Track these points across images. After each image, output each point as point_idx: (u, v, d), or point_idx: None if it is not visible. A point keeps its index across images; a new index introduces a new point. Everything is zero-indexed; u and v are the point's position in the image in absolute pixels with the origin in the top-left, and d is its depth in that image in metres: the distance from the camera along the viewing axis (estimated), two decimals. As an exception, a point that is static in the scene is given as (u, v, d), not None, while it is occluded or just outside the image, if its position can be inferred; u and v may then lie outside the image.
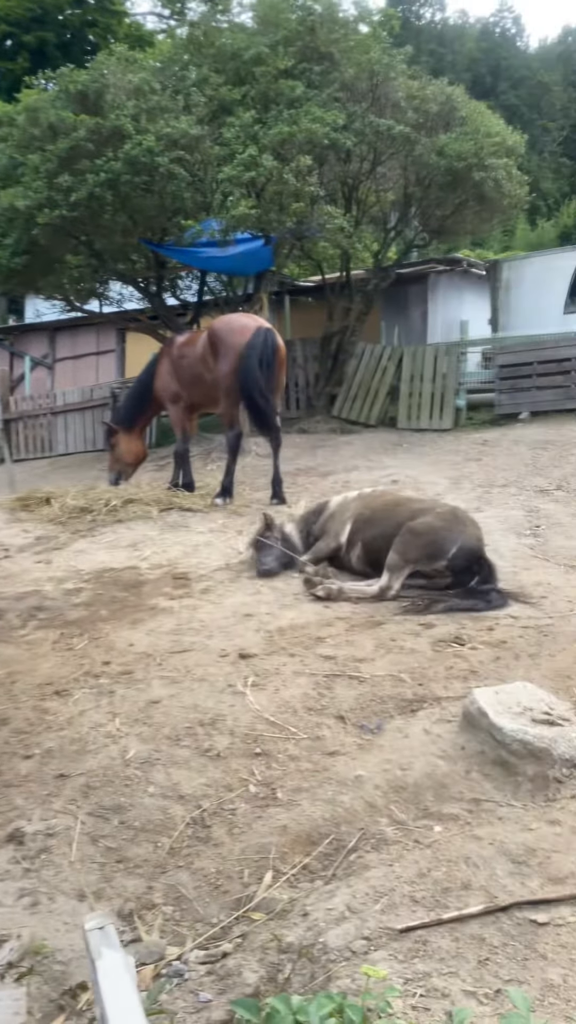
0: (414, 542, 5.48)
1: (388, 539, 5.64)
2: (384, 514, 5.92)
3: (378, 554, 5.73)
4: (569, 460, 10.09)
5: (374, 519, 5.94)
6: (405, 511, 5.81)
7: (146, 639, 4.94)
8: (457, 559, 5.43)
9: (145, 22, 35.55)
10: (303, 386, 16.38)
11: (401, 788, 3.15)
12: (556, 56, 58.32)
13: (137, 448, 10.57)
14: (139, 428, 10.56)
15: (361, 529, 5.97)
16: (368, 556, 5.89)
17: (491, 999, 1.93)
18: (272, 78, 12.76)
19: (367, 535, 5.91)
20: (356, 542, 5.99)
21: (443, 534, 5.48)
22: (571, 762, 3.12)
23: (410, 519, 5.64)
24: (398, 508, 5.92)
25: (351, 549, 6.02)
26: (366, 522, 5.98)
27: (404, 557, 5.48)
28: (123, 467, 10.61)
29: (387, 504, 6.08)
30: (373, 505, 6.12)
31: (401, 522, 5.65)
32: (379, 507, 6.06)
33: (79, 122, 11.88)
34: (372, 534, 5.87)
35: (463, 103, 14.29)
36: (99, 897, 2.79)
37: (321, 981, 2.16)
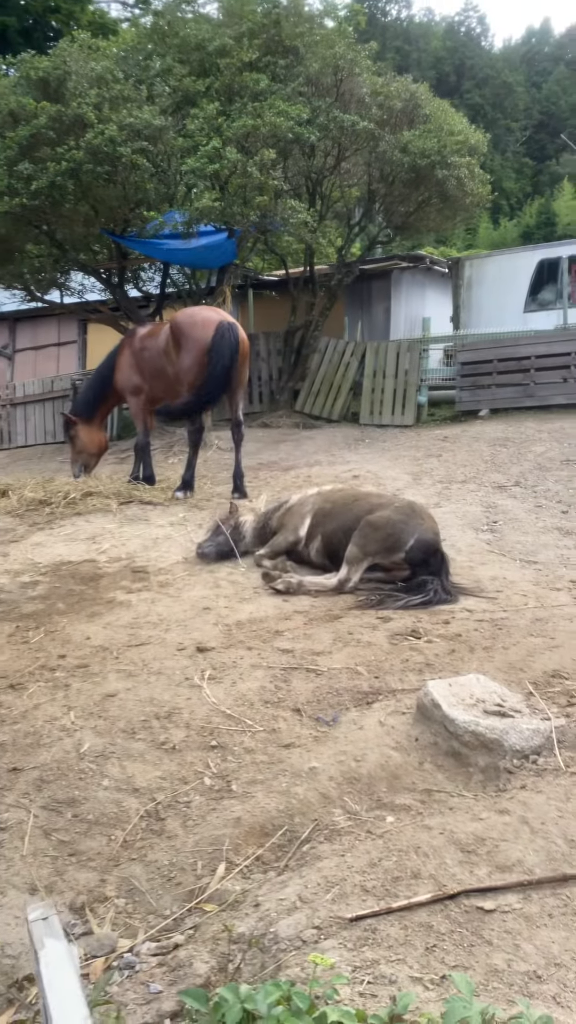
0: (373, 535, 5.55)
1: (347, 532, 5.71)
2: (343, 508, 5.98)
3: (337, 547, 5.79)
4: (527, 457, 10.22)
5: (333, 513, 6.00)
6: (364, 505, 5.88)
7: (103, 632, 4.91)
8: (414, 551, 5.50)
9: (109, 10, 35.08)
10: (266, 380, 16.37)
11: (355, 779, 3.18)
12: (520, 56, 59.01)
13: (98, 438, 10.48)
14: (99, 419, 10.46)
15: (321, 523, 6.03)
16: (327, 549, 5.94)
17: (437, 984, 1.96)
18: (236, 70, 12.69)
19: (327, 528, 5.96)
20: (315, 535, 6.04)
21: (400, 527, 5.56)
22: (522, 753, 3.18)
23: (368, 512, 5.72)
24: (356, 503, 5.99)
25: (310, 542, 6.07)
26: (325, 516, 6.03)
27: (363, 550, 5.55)
28: (86, 458, 10.51)
29: (346, 498, 6.15)
30: (332, 499, 6.18)
31: (360, 516, 5.73)
32: (338, 501, 6.12)
33: (40, 109, 11.70)
34: (331, 527, 5.92)
35: (427, 100, 14.36)
36: (51, 890, 2.77)
37: (271, 971, 2.17)
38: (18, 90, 12.63)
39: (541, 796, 2.85)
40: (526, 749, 3.18)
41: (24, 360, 21.90)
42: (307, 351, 15.65)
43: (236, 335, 9.00)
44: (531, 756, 3.16)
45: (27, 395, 17.96)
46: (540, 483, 8.99)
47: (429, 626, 4.84)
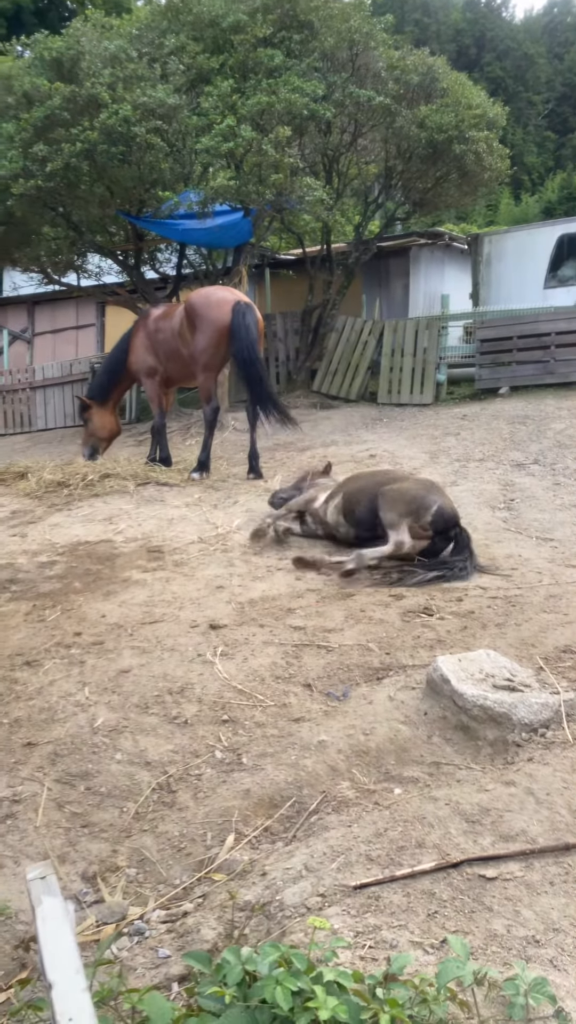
0: (400, 499, 5.71)
1: (366, 492, 5.99)
2: (367, 477, 6.47)
3: (355, 506, 6.04)
4: (546, 435, 10.14)
5: (357, 478, 6.50)
6: (385, 475, 6.33)
7: (118, 611, 4.97)
8: (437, 517, 5.57)
9: (124, -12, 34.83)
10: (283, 360, 16.32)
11: (364, 752, 3.21)
12: (542, 28, 57.86)
13: (109, 422, 10.49)
14: (112, 402, 10.48)
15: (344, 485, 6.38)
16: (346, 506, 6.16)
17: (436, 949, 1.99)
18: (251, 46, 12.57)
19: (349, 488, 6.27)
20: (337, 494, 6.31)
21: (422, 493, 5.75)
22: (530, 726, 3.19)
23: (389, 480, 6.05)
24: (378, 474, 6.44)
25: (330, 501, 6.34)
26: (349, 480, 6.52)
27: (397, 512, 5.66)
28: (96, 441, 10.55)
29: (371, 472, 6.74)
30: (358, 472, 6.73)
31: (381, 481, 6.04)
32: (364, 473, 6.78)
33: (54, 90, 11.67)
34: (353, 488, 6.22)
35: (444, 74, 14.15)
36: (64, 860, 2.83)
37: (276, 936, 2.21)
38: (32, 71, 12.61)
39: (547, 768, 2.86)
40: (535, 723, 3.20)
41: (43, 343, 21.97)
42: (324, 330, 15.57)
43: (254, 315, 8.99)
44: (539, 729, 3.18)
45: (46, 379, 18.04)
46: (559, 461, 8.93)
47: (442, 603, 4.85)
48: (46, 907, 1.30)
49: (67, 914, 1.29)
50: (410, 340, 14.45)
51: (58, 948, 1.21)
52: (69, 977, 1.17)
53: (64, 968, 1.18)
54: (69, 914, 1.30)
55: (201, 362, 9.04)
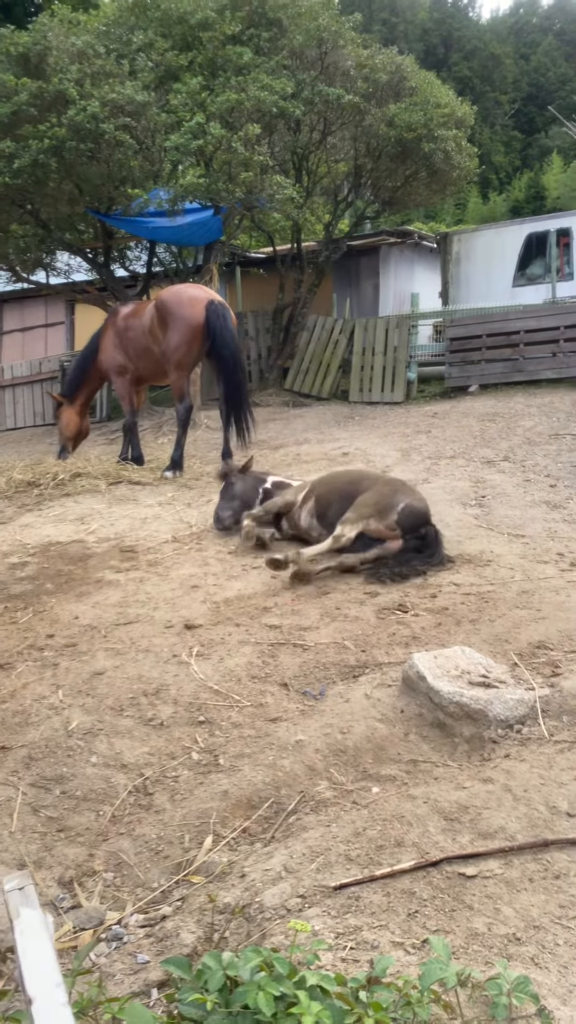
0: (364, 501, 5.67)
1: (338, 493, 5.94)
2: (338, 477, 6.38)
3: (327, 507, 5.98)
4: (516, 432, 10.22)
5: (328, 480, 6.36)
6: (355, 474, 6.30)
7: (91, 612, 4.91)
8: (405, 515, 5.54)
9: (91, -16, 34.50)
10: (255, 359, 16.30)
11: (341, 751, 3.20)
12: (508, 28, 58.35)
13: (75, 421, 10.41)
14: (80, 401, 10.39)
15: (315, 488, 6.28)
16: (319, 508, 6.11)
17: (418, 949, 1.99)
18: (219, 44, 12.52)
19: (320, 491, 6.19)
20: (309, 498, 6.23)
21: (388, 492, 5.72)
22: (506, 723, 3.20)
23: (359, 481, 5.99)
24: (350, 474, 6.40)
25: (303, 505, 6.24)
26: (320, 482, 6.35)
27: (357, 512, 5.61)
28: (64, 440, 10.48)
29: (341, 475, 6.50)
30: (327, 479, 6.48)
31: (352, 480, 6.04)
32: (336, 473, 6.63)
33: (21, 86, 11.54)
34: (325, 490, 6.16)
35: (413, 73, 14.22)
36: (40, 866, 2.79)
37: (256, 939, 2.20)
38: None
39: (524, 764, 2.87)
40: (510, 719, 3.21)
41: (11, 342, 21.73)
42: (296, 329, 15.57)
43: (227, 313, 8.95)
44: (515, 726, 3.19)
45: (15, 377, 17.85)
46: (529, 457, 8.99)
47: (416, 600, 4.86)
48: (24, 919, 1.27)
49: (46, 926, 1.27)
50: (381, 339, 14.50)
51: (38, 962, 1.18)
52: (49, 991, 1.14)
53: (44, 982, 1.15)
54: (48, 926, 1.27)
55: (173, 360, 8.99)
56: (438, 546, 5.63)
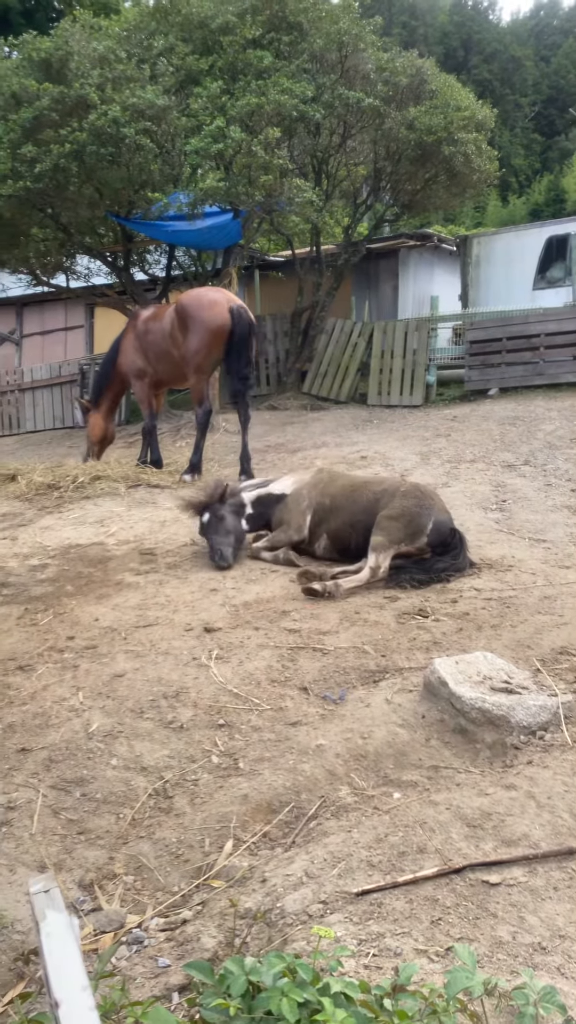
0: (394, 526, 5.42)
1: (355, 526, 5.62)
2: (345, 500, 5.83)
3: (346, 542, 5.71)
4: (536, 435, 10.16)
5: (335, 508, 5.84)
6: (366, 495, 5.75)
7: (111, 614, 4.93)
8: (434, 534, 5.46)
9: (112, -11, 34.69)
10: (273, 362, 16.31)
11: (362, 756, 3.19)
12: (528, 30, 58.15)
13: (100, 426, 10.45)
14: (105, 406, 10.43)
15: (325, 520, 5.87)
16: (336, 545, 5.82)
17: (441, 957, 1.97)
18: (240, 48, 12.55)
19: (332, 526, 5.82)
20: (320, 534, 5.89)
21: (416, 512, 5.48)
22: (528, 729, 3.18)
23: (374, 502, 5.61)
24: (356, 492, 5.84)
25: (315, 541, 5.93)
26: (329, 511, 5.86)
27: (389, 538, 5.37)
28: (89, 445, 10.55)
29: (344, 489, 5.97)
30: (330, 492, 5.98)
31: (365, 506, 5.63)
32: (337, 494, 5.93)
33: (43, 91, 11.61)
34: (337, 524, 5.79)
35: (433, 75, 14.18)
36: (60, 868, 2.80)
37: (277, 944, 2.18)
38: (20, 72, 12.53)
39: (548, 771, 2.84)
40: (533, 725, 3.18)
41: (31, 345, 21.87)
42: (314, 332, 15.57)
43: (248, 316, 8.96)
44: (538, 732, 3.16)
45: (35, 380, 17.96)
46: (549, 461, 8.94)
47: (437, 605, 4.83)
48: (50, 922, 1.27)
49: (72, 929, 1.26)
50: (399, 342, 14.47)
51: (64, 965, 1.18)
52: (76, 995, 1.14)
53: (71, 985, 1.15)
54: (74, 929, 1.27)
55: (193, 364, 9.00)
56: (463, 548, 5.56)
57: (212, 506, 5.97)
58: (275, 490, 6.28)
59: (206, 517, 5.98)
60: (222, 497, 6.00)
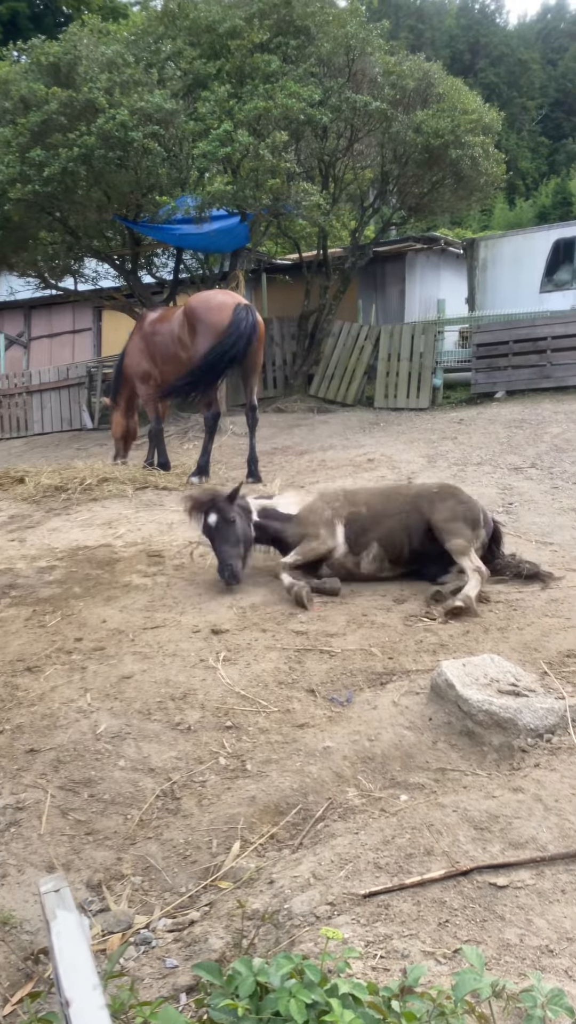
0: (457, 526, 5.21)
1: (409, 529, 5.33)
2: (383, 506, 5.49)
3: (400, 548, 5.36)
4: (543, 438, 10.15)
5: (377, 514, 5.46)
6: (400, 498, 5.52)
7: (119, 615, 4.94)
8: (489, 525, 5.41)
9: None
10: (280, 365, 16.33)
11: (369, 759, 3.19)
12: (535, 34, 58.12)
13: (120, 423, 10.56)
14: (123, 404, 10.51)
15: (369, 527, 5.42)
16: (389, 553, 5.39)
17: (449, 959, 1.97)
18: (247, 52, 12.59)
19: (381, 532, 5.39)
20: (368, 542, 5.40)
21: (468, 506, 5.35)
22: (536, 732, 3.17)
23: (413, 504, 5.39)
24: (388, 498, 5.57)
25: (361, 551, 5.41)
26: (370, 519, 5.44)
27: (464, 537, 5.16)
28: (115, 443, 10.69)
29: (374, 495, 5.67)
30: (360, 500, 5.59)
31: (405, 509, 5.39)
32: (371, 500, 5.57)
33: (51, 95, 11.68)
34: (386, 529, 5.39)
35: (440, 79, 14.20)
36: (68, 868, 2.81)
37: (285, 946, 2.19)
38: (29, 76, 12.62)
39: (555, 774, 2.84)
40: (540, 728, 3.18)
41: (39, 348, 21.96)
42: (321, 335, 15.59)
43: (254, 317, 8.96)
44: (545, 735, 3.16)
45: (43, 383, 18.02)
46: (556, 464, 8.93)
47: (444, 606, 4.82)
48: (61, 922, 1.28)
49: (83, 929, 1.27)
50: (406, 345, 14.48)
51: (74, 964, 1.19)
52: (87, 994, 1.15)
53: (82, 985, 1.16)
54: (84, 929, 1.28)
55: (202, 367, 9.00)
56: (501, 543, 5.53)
57: (220, 505, 5.35)
58: (280, 507, 5.67)
59: (213, 518, 5.34)
60: (232, 496, 5.44)
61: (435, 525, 5.22)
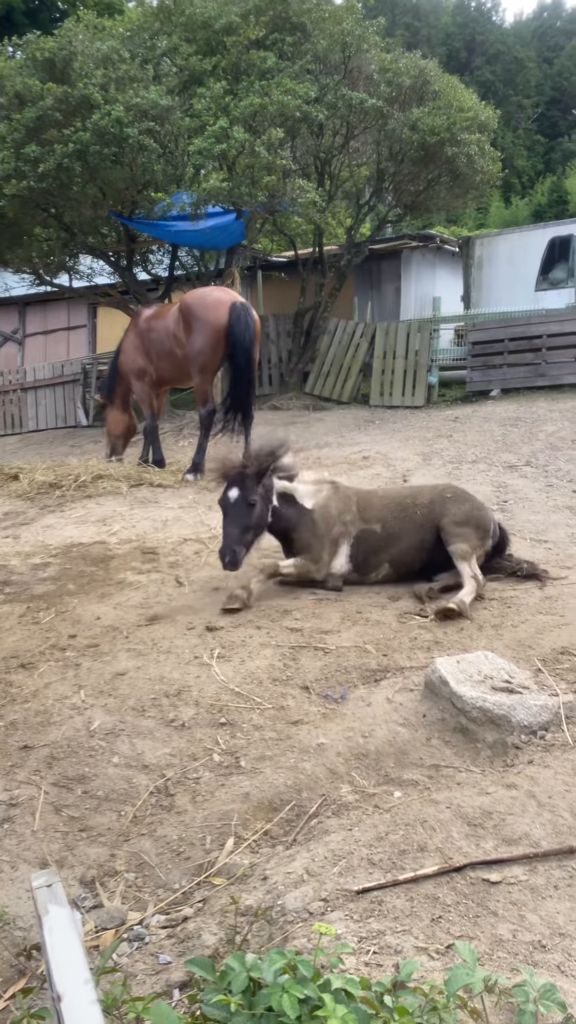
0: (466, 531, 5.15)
1: (423, 545, 5.23)
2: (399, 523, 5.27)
3: (412, 566, 5.27)
4: (538, 437, 10.16)
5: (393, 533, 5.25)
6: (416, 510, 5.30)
7: (113, 612, 4.93)
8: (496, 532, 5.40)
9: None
10: (276, 362, 16.32)
11: (363, 755, 3.19)
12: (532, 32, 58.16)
13: (121, 420, 10.52)
14: (120, 401, 10.47)
15: (381, 548, 5.26)
16: (399, 571, 5.29)
17: (442, 954, 1.97)
18: (243, 48, 12.58)
19: (394, 553, 5.25)
20: (379, 563, 5.28)
21: (478, 513, 5.27)
22: (529, 728, 3.18)
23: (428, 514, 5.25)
24: (405, 510, 5.32)
25: (370, 571, 5.30)
26: (384, 539, 5.25)
27: (470, 544, 5.10)
28: (112, 440, 10.62)
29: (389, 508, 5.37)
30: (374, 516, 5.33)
31: (421, 523, 5.23)
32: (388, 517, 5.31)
33: (46, 91, 11.65)
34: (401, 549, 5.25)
35: (436, 77, 14.20)
36: (62, 865, 2.80)
37: (278, 941, 2.19)
38: (24, 72, 12.57)
39: (549, 771, 2.85)
40: (534, 725, 3.19)
41: (34, 344, 21.90)
42: (317, 333, 15.58)
43: (252, 316, 8.95)
44: (539, 732, 3.17)
45: (37, 380, 17.98)
46: (551, 463, 8.94)
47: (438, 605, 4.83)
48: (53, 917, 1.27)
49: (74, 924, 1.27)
50: (402, 343, 14.48)
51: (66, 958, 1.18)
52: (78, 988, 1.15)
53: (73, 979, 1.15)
54: (77, 924, 1.28)
55: (198, 364, 9.01)
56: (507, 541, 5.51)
57: (245, 482, 4.96)
58: (299, 494, 5.30)
59: (233, 493, 4.97)
60: (261, 474, 5.00)
61: (443, 527, 5.17)
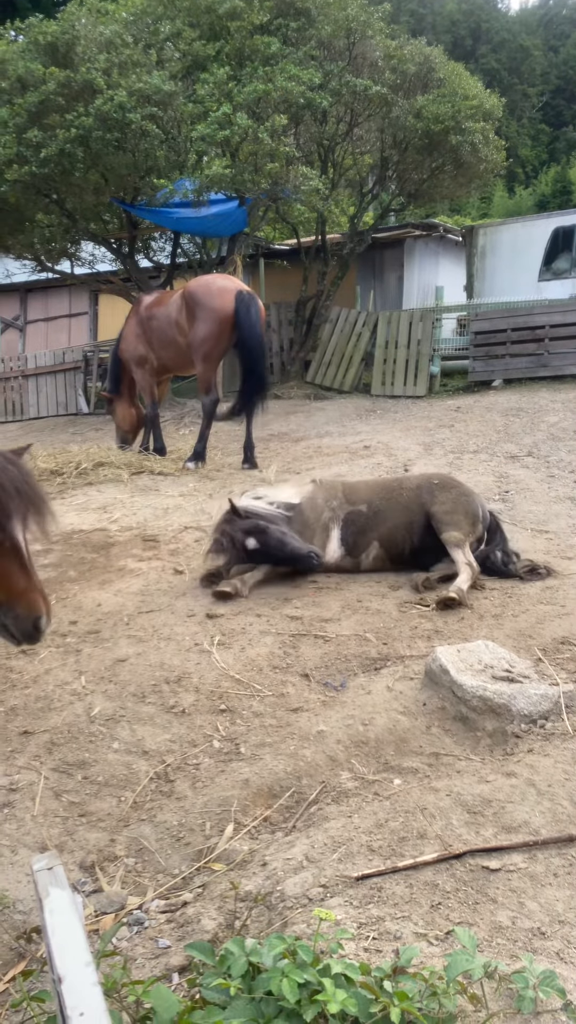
0: (456, 518, 5.16)
1: (412, 527, 5.25)
2: (385, 503, 5.37)
3: (402, 547, 5.28)
4: (540, 427, 10.14)
5: (379, 511, 5.34)
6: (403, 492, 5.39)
7: (114, 599, 4.93)
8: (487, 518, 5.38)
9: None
10: (277, 351, 16.27)
11: (363, 743, 3.20)
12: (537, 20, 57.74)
13: (130, 414, 10.41)
14: (126, 392, 10.37)
15: (369, 527, 5.32)
16: (390, 552, 5.31)
17: (441, 940, 1.98)
18: (247, 33, 12.47)
19: (383, 531, 5.29)
20: (368, 543, 5.31)
21: (466, 499, 5.28)
22: (529, 717, 3.18)
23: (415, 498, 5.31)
24: (391, 492, 5.42)
25: (360, 552, 5.33)
26: (371, 518, 5.33)
27: (460, 530, 5.11)
28: (123, 434, 10.48)
29: (375, 490, 5.50)
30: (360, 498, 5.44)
31: (407, 505, 5.29)
32: (372, 497, 5.42)
33: (49, 75, 11.56)
34: (389, 527, 5.29)
35: (441, 64, 14.09)
36: (61, 850, 2.81)
37: (278, 927, 2.19)
38: (26, 56, 12.47)
39: (548, 759, 2.85)
40: (534, 714, 3.19)
41: (35, 331, 21.84)
42: (319, 321, 15.53)
43: (257, 305, 8.90)
44: (539, 721, 3.17)
45: (39, 367, 17.93)
46: (553, 453, 8.92)
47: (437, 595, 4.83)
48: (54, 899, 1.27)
49: (75, 906, 1.27)
50: (404, 332, 14.43)
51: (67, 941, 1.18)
52: (79, 971, 1.15)
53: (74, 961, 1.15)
54: (77, 906, 1.28)
55: (201, 352, 8.96)
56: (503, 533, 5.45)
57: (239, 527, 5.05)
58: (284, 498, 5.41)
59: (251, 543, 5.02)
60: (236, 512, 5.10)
61: (434, 515, 5.19)
